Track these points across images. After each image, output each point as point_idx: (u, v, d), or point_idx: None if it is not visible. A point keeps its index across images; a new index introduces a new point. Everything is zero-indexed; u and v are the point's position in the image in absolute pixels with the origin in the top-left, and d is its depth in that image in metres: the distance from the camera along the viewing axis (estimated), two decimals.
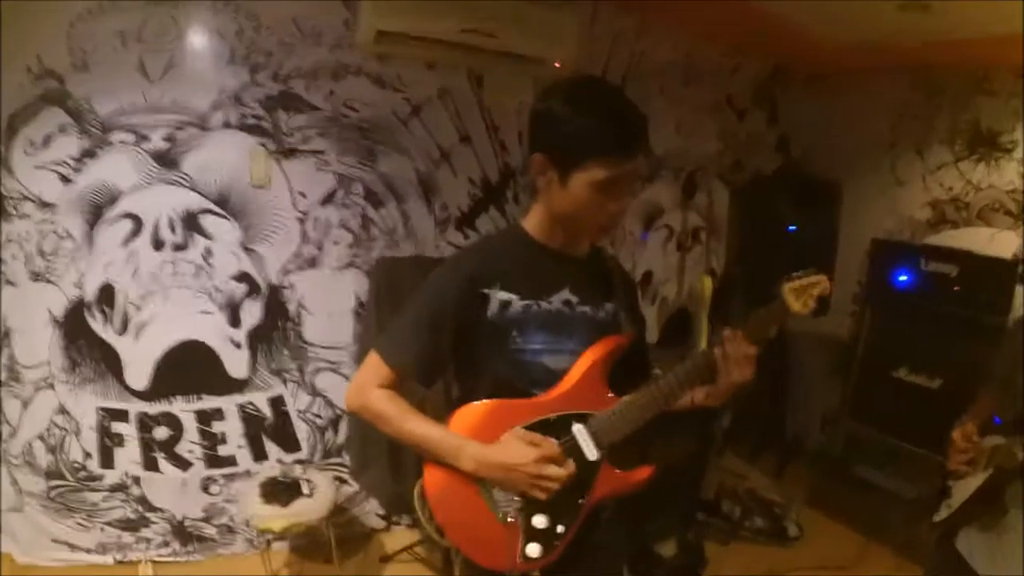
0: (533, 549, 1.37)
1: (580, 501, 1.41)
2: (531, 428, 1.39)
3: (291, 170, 2.93)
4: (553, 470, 1.34)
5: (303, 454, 3.13)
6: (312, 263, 3.00)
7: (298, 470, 2.88)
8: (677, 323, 3.57)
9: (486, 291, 1.41)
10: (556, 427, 1.41)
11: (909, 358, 3.54)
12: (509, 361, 1.43)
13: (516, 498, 1.37)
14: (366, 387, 1.43)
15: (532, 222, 1.48)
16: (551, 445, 1.37)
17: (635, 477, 1.47)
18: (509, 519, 1.36)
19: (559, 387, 1.43)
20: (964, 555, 1.81)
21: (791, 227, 3.79)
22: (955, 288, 3.41)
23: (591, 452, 1.41)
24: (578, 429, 1.41)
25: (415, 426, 1.40)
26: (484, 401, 1.42)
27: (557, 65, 3.01)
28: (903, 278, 3.62)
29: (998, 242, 3.56)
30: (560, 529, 1.39)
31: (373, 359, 1.44)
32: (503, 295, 1.41)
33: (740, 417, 4.33)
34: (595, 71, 3.21)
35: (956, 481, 1.86)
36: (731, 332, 1.39)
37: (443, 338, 1.42)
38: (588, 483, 1.41)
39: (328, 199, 2.99)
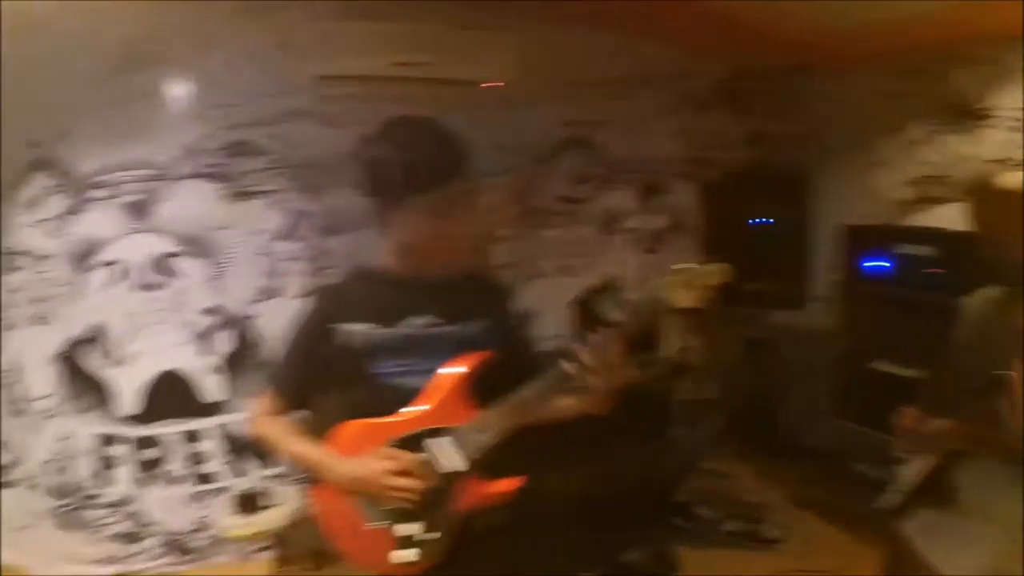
0: (408, 554, 1.47)
1: (449, 509, 1.49)
2: (399, 444, 1.50)
3: (249, 211, 3.22)
4: (403, 481, 1.44)
5: (282, 468, 3.37)
6: (274, 294, 3.26)
7: (268, 483, 3.12)
8: (647, 328, 3.57)
9: (334, 325, 1.57)
10: (418, 442, 1.50)
11: (888, 348, 3.37)
12: (370, 386, 1.55)
13: (386, 508, 1.48)
14: (256, 414, 1.68)
15: (385, 253, 1.63)
16: (403, 458, 1.47)
17: (500, 488, 1.53)
18: (378, 526, 1.48)
19: (424, 404, 1.53)
20: (920, 537, 1.79)
21: (761, 220, 3.73)
22: (934, 270, 3.24)
23: (453, 463, 1.48)
24: (436, 442, 1.49)
25: (294, 447, 1.60)
26: (355, 421, 1.55)
27: (493, 86, 3.14)
28: (878, 263, 3.47)
29: None
30: (434, 536, 1.49)
31: (264, 390, 1.68)
32: (351, 326, 1.56)
33: (730, 416, 4.29)
34: (543, 85, 3.31)
35: (903, 465, 1.84)
36: (596, 337, 1.44)
37: (306, 370, 1.64)
38: (453, 493, 1.49)
39: (284, 234, 3.25)
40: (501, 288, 1.76)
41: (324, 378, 1.62)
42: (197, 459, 3.27)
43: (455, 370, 1.52)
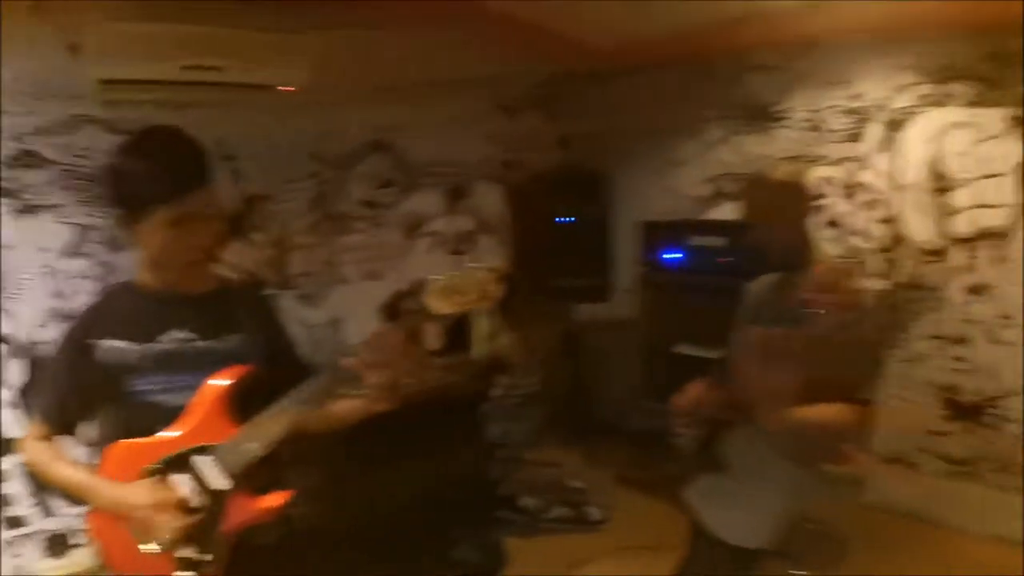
0: None
1: (218, 531, 1.44)
2: (165, 464, 1.44)
3: (32, 227, 2.98)
4: (169, 509, 1.39)
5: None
6: (62, 315, 3.03)
7: (76, 522, 2.88)
8: (458, 328, 3.63)
9: (91, 343, 1.49)
10: (185, 462, 1.45)
11: (688, 333, 3.66)
12: (132, 405, 1.49)
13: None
14: (24, 440, 1.57)
15: (138, 270, 1.57)
16: (167, 484, 1.42)
17: (267, 503, 1.50)
18: (151, 550, 1.40)
19: (184, 422, 1.47)
20: (699, 503, 1.96)
21: (565, 220, 3.93)
22: (724, 259, 3.55)
23: (218, 482, 1.44)
24: (200, 461, 1.44)
25: (60, 472, 1.50)
26: (120, 442, 1.47)
27: (288, 90, 3.07)
28: (674, 255, 3.77)
29: None
30: (208, 558, 1.43)
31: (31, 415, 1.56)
32: (108, 343, 1.49)
33: (552, 407, 4.47)
34: (342, 90, 3.27)
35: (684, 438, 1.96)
36: (369, 339, 1.44)
37: (67, 391, 1.55)
38: (221, 513, 1.45)
39: (69, 251, 3.04)
40: (261, 298, 1.74)
41: (87, 399, 1.54)
42: (3, 502, 2.97)
43: (216, 385, 1.49)
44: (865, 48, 3.50)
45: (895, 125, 3.49)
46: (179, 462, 1.44)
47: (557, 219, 3.97)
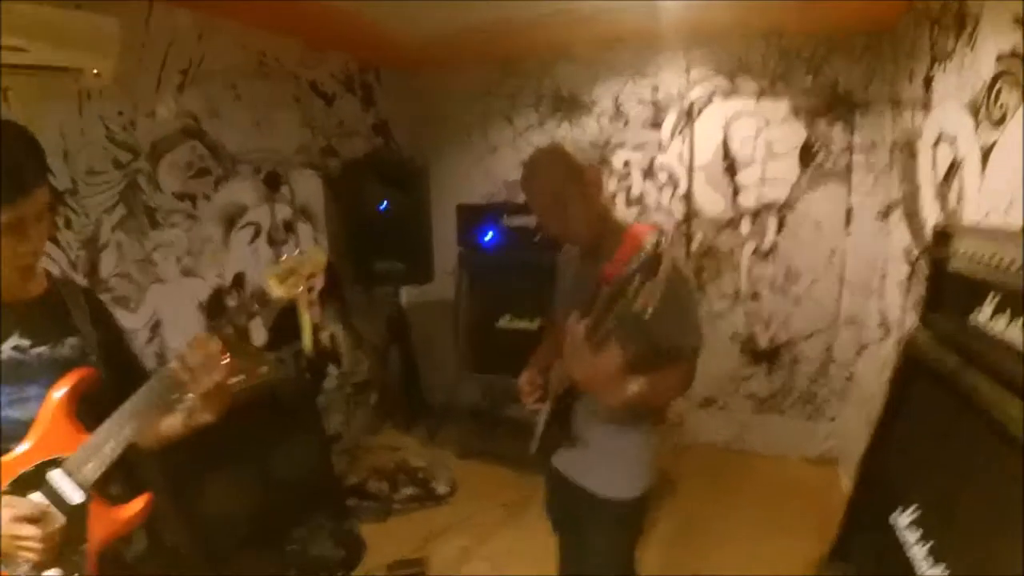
0: None
1: (82, 547, 1.34)
2: (16, 483, 1.31)
3: None
4: (28, 530, 1.26)
5: None
6: None
7: None
8: (284, 321, 3.55)
9: None
10: (37, 478, 1.34)
11: (508, 307, 3.87)
12: None
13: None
14: None
15: None
16: (23, 504, 1.29)
17: (129, 511, 1.42)
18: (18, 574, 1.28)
19: (29, 436, 1.36)
20: (567, 470, 2.00)
21: (386, 205, 3.96)
22: (535, 238, 3.73)
23: (73, 496, 1.34)
24: (54, 475, 1.34)
25: None
26: None
27: (96, 74, 2.82)
28: (489, 236, 3.94)
29: None
30: None
31: None
32: None
33: (386, 392, 4.53)
34: (151, 76, 3.06)
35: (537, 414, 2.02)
36: (189, 347, 1.38)
37: None
38: (83, 528, 1.35)
39: None
40: (90, 297, 1.61)
41: None
42: None
43: (56, 394, 1.40)
44: (664, 45, 3.88)
45: (691, 114, 3.93)
46: (34, 478, 1.35)
47: (379, 206, 3.97)
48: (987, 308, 1.39)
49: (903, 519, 1.57)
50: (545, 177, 1.75)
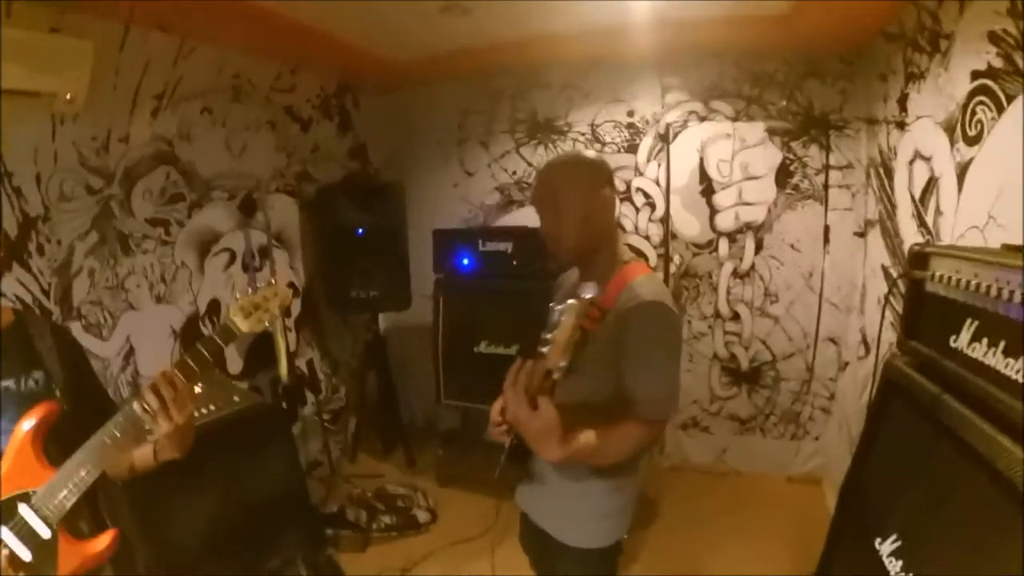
0: None
1: None
2: None
3: None
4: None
5: None
6: None
7: None
8: (261, 348, 3.49)
9: None
10: (7, 514, 1.33)
11: (485, 333, 3.82)
12: None
13: None
14: None
15: None
16: None
17: (96, 546, 1.40)
18: None
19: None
20: (535, 497, 1.91)
21: (362, 230, 3.92)
22: (513, 262, 3.74)
23: (42, 531, 1.33)
24: (24, 510, 1.34)
25: None
26: None
27: (69, 99, 2.77)
28: (465, 261, 3.91)
29: None
30: None
31: None
32: None
33: (364, 418, 4.46)
34: (125, 101, 3.01)
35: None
36: (158, 379, 1.38)
37: None
38: (52, 562, 1.34)
39: None
40: (57, 329, 1.59)
41: None
42: None
43: (23, 427, 1.39)
44: (640, 69, 3.93)
45: (667, 137, 3.95)
46: (8, 511, 1.34)
47: (356, 231, 3.93)
48: (964, 335, 1.38)
49: (885, 547, 1.55)
50: (554, 172, 1.71)
